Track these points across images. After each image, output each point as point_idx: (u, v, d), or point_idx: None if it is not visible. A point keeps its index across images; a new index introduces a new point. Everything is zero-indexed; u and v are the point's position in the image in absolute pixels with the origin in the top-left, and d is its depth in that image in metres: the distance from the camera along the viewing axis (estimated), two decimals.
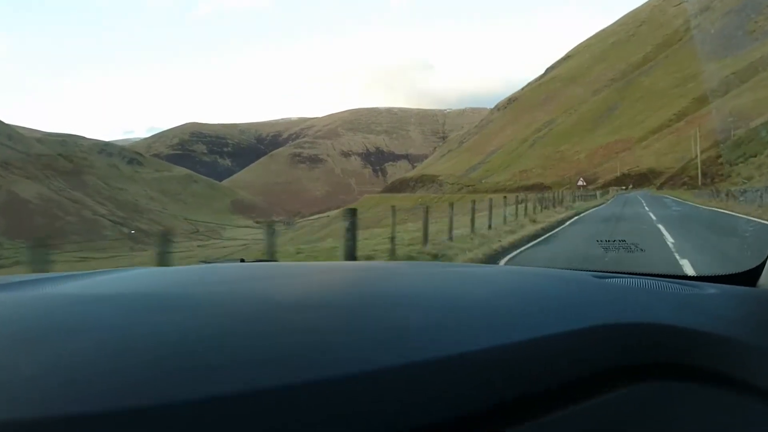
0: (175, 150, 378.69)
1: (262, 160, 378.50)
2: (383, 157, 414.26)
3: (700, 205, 26.02)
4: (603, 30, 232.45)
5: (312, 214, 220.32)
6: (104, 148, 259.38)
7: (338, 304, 0.61)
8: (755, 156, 39.81)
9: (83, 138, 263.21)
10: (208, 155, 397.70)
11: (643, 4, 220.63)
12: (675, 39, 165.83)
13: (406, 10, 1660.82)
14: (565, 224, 16.50)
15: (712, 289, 0.74)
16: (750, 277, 0.90)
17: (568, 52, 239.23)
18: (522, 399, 0.43)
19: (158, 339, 0.46)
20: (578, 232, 14.31)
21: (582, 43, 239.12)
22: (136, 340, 0.45)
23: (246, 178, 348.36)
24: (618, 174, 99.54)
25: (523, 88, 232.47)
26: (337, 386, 0.38)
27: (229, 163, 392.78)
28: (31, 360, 0.41)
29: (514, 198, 18.99)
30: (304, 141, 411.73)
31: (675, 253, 8.29)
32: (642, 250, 6.88)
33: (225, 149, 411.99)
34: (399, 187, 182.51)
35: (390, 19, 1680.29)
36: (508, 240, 11.24)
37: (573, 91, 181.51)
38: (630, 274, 0.90)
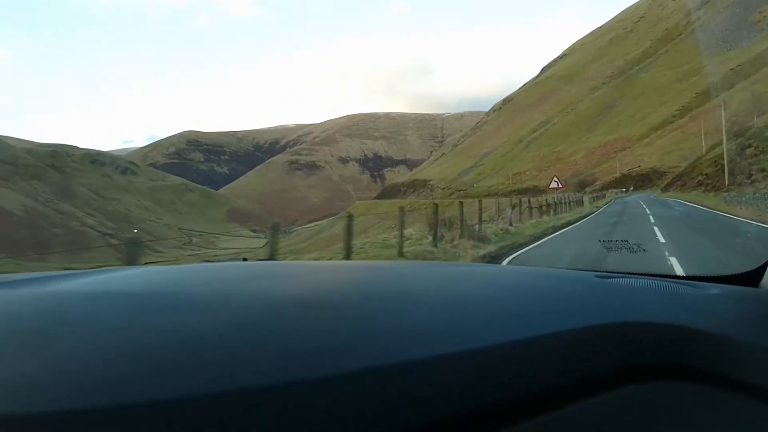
0: (172, 159, 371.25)
1: (258, 167, 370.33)
2: (381, 162, 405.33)
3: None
4: (600, 27, 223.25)
5: (309, 222, 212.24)
6: (97, 158, 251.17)
7: (340, 302, 0.61)
8: None
9: (75, 148, 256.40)
10: (204, 163, 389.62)
11: (642, 0, 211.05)
12: (675, 34, 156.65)
13: (404, 15, 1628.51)
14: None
15: (715, 290, 0.73)
16: (752, 278, 0.89)
17: (564, 51, 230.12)
18: (522, 397, 0.43)
19: (160, 337, 0.45)
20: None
21: (578, 41, 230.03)
22: (137, 338, 0.45)
23: (242, 187, 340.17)
24: (617, 175, 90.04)
25: (519, 89, 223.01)
26: (339, 384, 0.38)
27: (226, 171, 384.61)
28: (33, 356, 0.41)
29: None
30: (302, 148, 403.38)
31: None
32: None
33: (222, 157, 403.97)
34: (391, 192, 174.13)
35: (388, 24, 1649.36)
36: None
37: (569, 89, 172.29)
38: (632, 274, 0.89)
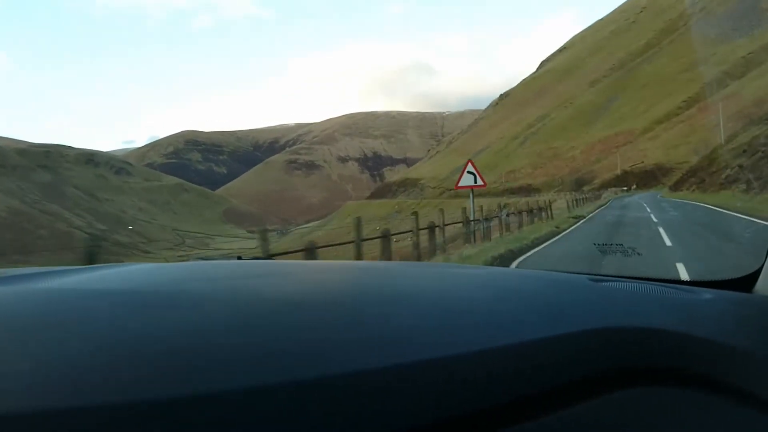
0: (170, 159, 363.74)
1: (257, 167, 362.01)
2: (381, 161, 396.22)
3: None
4: (601, 20, 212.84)
5: (307, 222, 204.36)
6: (91, 158, 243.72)
7: (335, 302, 0.61)
8: None
9: (69, 148, 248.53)
10: (203, 163, 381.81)
11: None
12: (679, 24, 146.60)
13: (405, 14, 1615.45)
14: None
15: (708, 294, 0.73)
16: (746, 283, 0.88)
17: (564, 44, 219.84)
18: (516, 401, 0.42)
19: (154, 335, 0.45)
20: None
21: (578, 34, 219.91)
22: (132, 336, 0.45)
23: (240, 186, 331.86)
24: (618, 172, 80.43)
25: (516, 84, 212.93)
26: (334, 385, 0.37)
27: (225, 171, 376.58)
28: (26, 354, 0.41)
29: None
30: (301, 147, 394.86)
31: None
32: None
33: (220, 157, 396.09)
34: (383, 192, 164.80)
35: (390, 24, 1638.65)
36: None
37: (568, 83, 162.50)
38: (626, 278, 0.89)
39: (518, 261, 8.67)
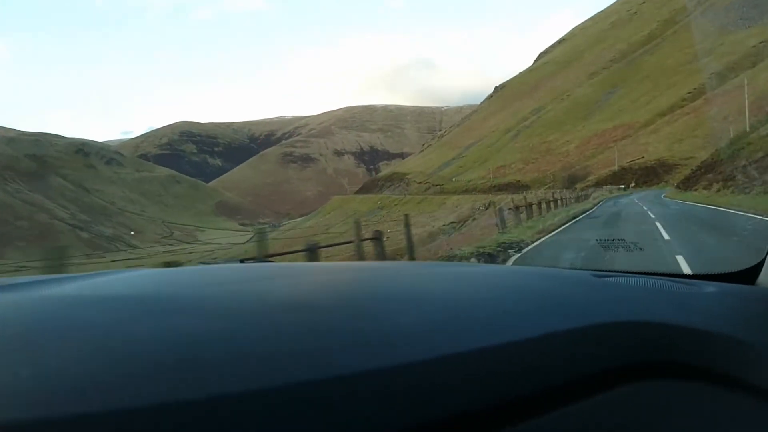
0: (164, 150, 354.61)
1: (251, 160, 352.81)
2: (378, 155, 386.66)
3: None
4: (602, 11, 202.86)
5: (301, 216, 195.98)
6: (81, 148, 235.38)
7: (338, 304, 0.60)
8: None
9: (59, 137, 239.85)
10: (197, 155, 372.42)
11: None
12: (684, 14, 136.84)
13: (406, 8, 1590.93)
14: None
15: (711, 288, 0.72)
16: (749, 276, 0.88)
17: (563, 36, 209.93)
18: (521, 398, 0.42)
19: (157, 340, 0.45)
20: None
21: (578, 26, 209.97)
22: (135, 342, 0.44)
23: (235, 179, 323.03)
24: (615, 168, 71.16)
25: (512, 77, 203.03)
26: (337, 386, 0.37)
27: (220, 163, 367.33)
28: (30, 361, 0.40)
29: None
30: (296, 140, 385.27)
31: None
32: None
33: (215, 149, 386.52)
34: (369, 187, 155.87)
35: (390, 18, 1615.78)
36: None
37: (566, 75, 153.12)
38: (629, 273, 0.88)
39: None
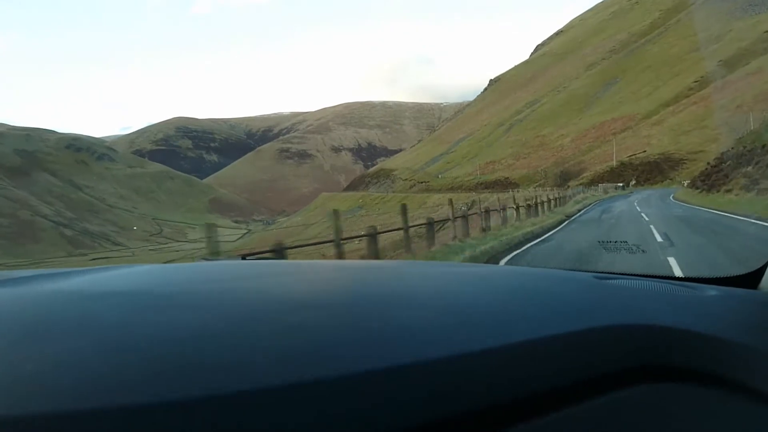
0: (159, 146, 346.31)
1: (247, 156, 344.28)
2: (375, 152, 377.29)
3: None
4: (602, 1, 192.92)
5: (296, 213, 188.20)
6: (72, 143, 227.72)
7: (340, 302, 0.59)
8: None
9: (51, 132, 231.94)
10: (193, 150, 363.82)
11: None
12: (688, 2, 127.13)
13: (406, 4, 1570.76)
14: None
15: (713, 291, 0.71)
16: (751, 280, 0.86)
17: (561, 28, 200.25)
18: (521, 400, 0.41)
19: (158, 336, 0.44)
20: None
21: (577, 17, 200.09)
22: (135, 338, 0.44)
23: (230, 175, 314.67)
24: (613, 163, 62.09)
25: (508, 69, 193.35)
26: (337, 385, 0.37)
27: (216, 159, 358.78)
28: (29, 356, 0.40)
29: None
30: (293, 136, 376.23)
31: None
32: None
33: (212, 144, 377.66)
34: (357, 184, 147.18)
35: (390, 13, 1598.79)
36: None
37: (563, 67, 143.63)
38: (630, 275, 0.86)
39: None
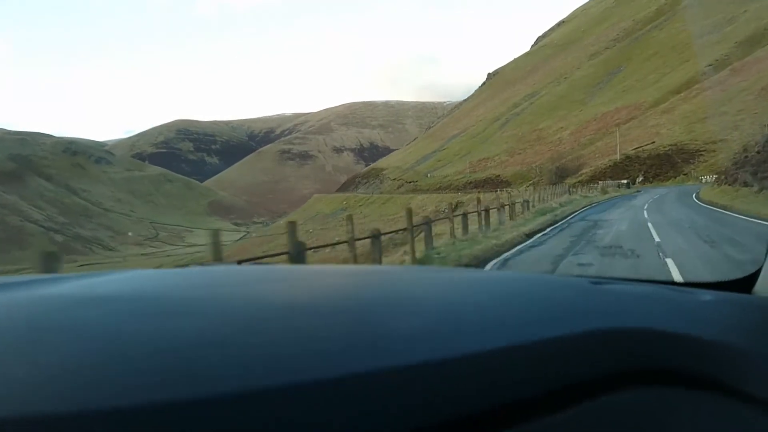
0: (159, 148, 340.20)
1: (248, 157, 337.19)
2: (378, 152, 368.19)
3: None
4: None
5: (287, 215, 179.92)
6: (69, 147, 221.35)
7: (336, 306, 0.59)
8: None
9: (48, 136, 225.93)
10: (194, 153, 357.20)
11: None
12: None
13: (409, 2, 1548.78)
14: None
15: (708, 296, 0.70)
16: (745, 284, 0.85)
17: (563, 19, 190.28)
18: (514, 403, 0.41)
19: (154, 341, 0.44)
20: None
21: (580, 7, 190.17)
22: (131, 342, 0.43)
23: (231, 177, 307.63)
24: (617, 157, 52.90)
25: (508, 63, 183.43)
26: (332, 389, 0.37)
27: (217, 161, 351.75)
28: (27, 360, 0.40)
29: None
30: (294, 137, 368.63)
31: None
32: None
33: (213, 147, 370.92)
34: (348, 184, 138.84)
35: (394, 12, 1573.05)
36: None
37: (565, 58, 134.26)
38: (625, 280, 0.86)
39: None
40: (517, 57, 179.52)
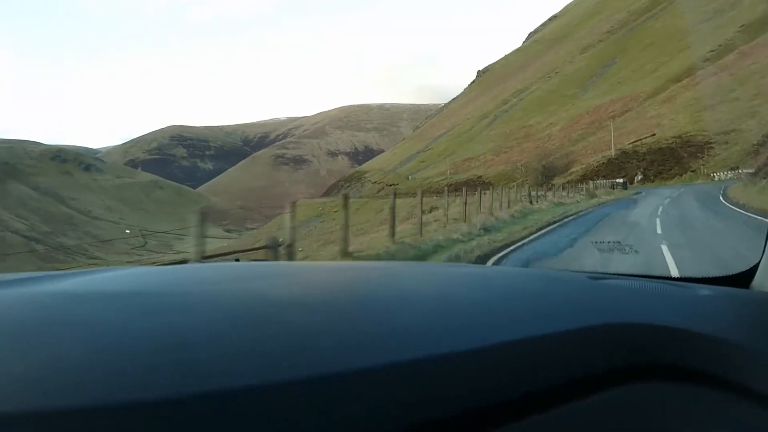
0: (153, 155, 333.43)
1: (242, 162, 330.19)
2: (372, 155, 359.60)
3: None
4: None
5: (271, 221, 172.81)
6: (58, 154, 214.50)
7: (335, 302, 0.58)
8: None
9: (36, 143, 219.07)
10: (188, 159, 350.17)
11: None
12: None
13: (405, 3, 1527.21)
14: None
15: (706, 291, 0.70)
16: (743, 279, 0.85)
17: (555, 14, 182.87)
18: (514, 399, 0.41)
19: (151, 337, 0.43)
20: None
21: (572, 2, 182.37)
22: (129, 338, 0.43)
23: (225, 183, 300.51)
24: (611, 153, 45.23)
25: (498, 59, 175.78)
26: (331, 385, 0.36)
27: (211, 167, 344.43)
28: (24, 356, 0.39)
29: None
30: (289, 141, 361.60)
31: None
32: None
33: (207, 152, 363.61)
34: (333, 188, 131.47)
35: (389, 13, 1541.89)
36: None
37: (556, 52, 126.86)
38: (624, 275, 0.85)
39: None
40: (507, 53, 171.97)
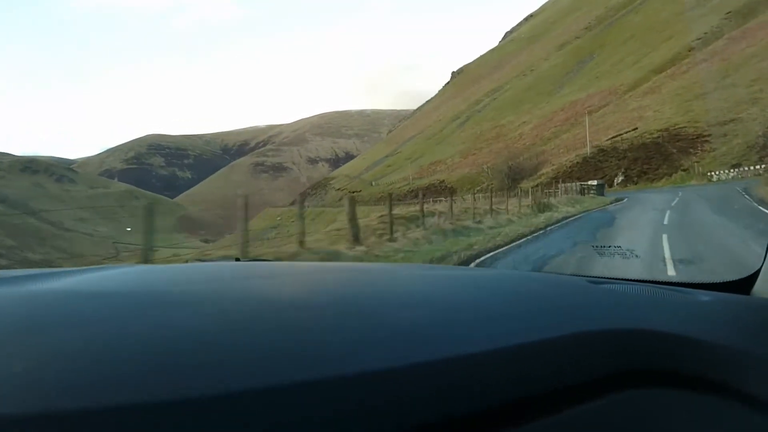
0: (130, 164, 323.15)
1: (221, 171, 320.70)
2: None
3: None
4: None
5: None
6: (28, 165, 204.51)
7: (336, 303, 0.57)
8: None
9: (6, 155, 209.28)
10: (165, 168, 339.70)
11: None
12: None
13: (386, 10, 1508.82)
14: None
15: (706, 297, 0.69)
16: (744, 285, 0.84)
17: (532, 12, 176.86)
18: (515, 403, 0.40)
19: (151, 336, 0.43)
20: None
21: (549, 0, 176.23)
22: (129, 337, 0.42)
23: (203, 191, 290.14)
24: (587, 151, 37.84)
25: (473, 60, 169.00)
26: (330, 386, 0.36)
27: (189, 176, 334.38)
28: (23, 355, 0.38)
29: None
30: (268, 149, 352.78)
31: None
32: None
33: (185, 161, 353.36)
34: (303, 196, 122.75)
35: (370, 20, 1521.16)
36: None
37: (532, 50, 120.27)
38: (624, 280, 0.85)
39: None
40: (483, 54, 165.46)
